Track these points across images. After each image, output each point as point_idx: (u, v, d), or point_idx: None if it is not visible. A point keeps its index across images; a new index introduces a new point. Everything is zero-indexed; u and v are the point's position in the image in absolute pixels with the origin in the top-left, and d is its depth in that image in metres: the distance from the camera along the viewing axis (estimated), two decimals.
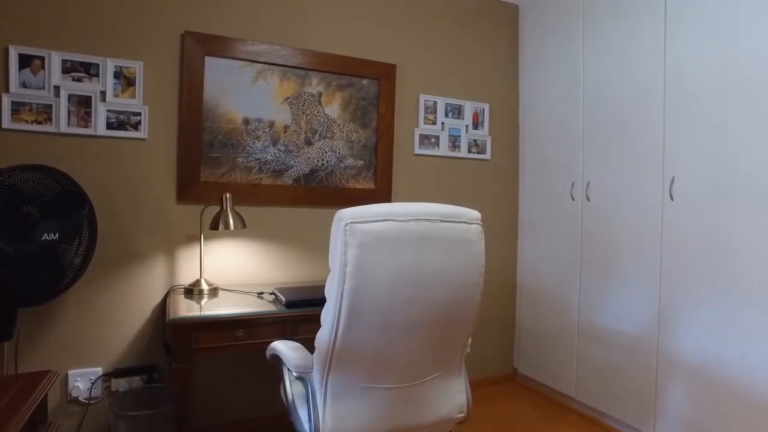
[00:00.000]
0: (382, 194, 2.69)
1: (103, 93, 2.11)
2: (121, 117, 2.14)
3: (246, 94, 2.37)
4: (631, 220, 2.38)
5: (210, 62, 2.27)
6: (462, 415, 1.56)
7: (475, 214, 1.38)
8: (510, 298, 3.16)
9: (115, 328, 2.15)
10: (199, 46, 2.24)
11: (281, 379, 1.61)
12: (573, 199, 2.72)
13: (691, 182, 2.11)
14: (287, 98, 2.47)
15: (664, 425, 2.21)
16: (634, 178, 2.37)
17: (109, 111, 2.12)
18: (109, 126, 2.12)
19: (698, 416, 2.07)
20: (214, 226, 2.11)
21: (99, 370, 2.12)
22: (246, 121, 2.38)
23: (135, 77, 2.15)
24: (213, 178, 2.32)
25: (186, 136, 2.24)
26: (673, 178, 2.18)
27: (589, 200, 2.62)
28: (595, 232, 2.58)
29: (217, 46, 2.28)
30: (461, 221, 1.33)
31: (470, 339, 1.55)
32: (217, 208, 2.17)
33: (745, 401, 1.90)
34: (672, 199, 2.18)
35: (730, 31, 1.97)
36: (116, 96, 2.13)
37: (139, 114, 2.17)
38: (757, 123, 1.87)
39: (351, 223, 1.24)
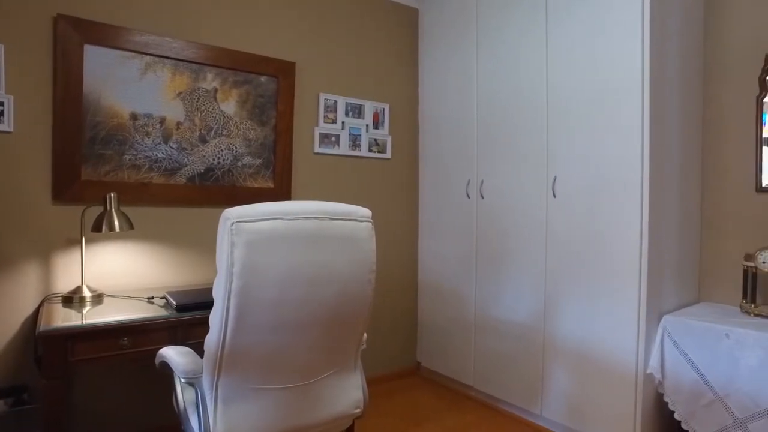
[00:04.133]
0: (282, 193, 2.65)
1: None
2: None
3: (133, 87, 2.22)
4: (520, 216, 2.56)
5: (90, 51, 2.10)
6: (359, 410, 1.59)
7: (366, 212, 1.40)
8: (412, 294, 3.26)
9: None
10: (76, 33, 2.06)
11: (173, 387, 1.54)
12: (468, 198, 2.86)
13: (569, 181, 2.32)
14: (180, 93, 2.35)
15: (549, 403, 2.41)
16: (522, 177, 2.55)
17: None
18: None
19: (575, 391, 2.28)
20: (97, 228, 1.96)
21: None
22: (134, 116, 2.23)
23: None
24: (96, 176, 2.15)
25: (62, 130, 2.05)
26: (555, 177, 2.38)
27: (483, 198, 2.77)
28: (489, 228, 2.74)
29: (98, 33, 2.11)
30: (351, 219, 1.35)
31: (366, 335, 1.58)
32: (100, 209, 2.01)
33: (610, 373, 2.13)
34: (554, 197, 2.38)
35: (598, 44, 2.18)
36: None
37: (1, 104, 1.94)
38: (621, 128, 2.10)
39: (237, 222, 1.21)
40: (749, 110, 2.16)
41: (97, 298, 1.99)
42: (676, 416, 1.99)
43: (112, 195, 1.99)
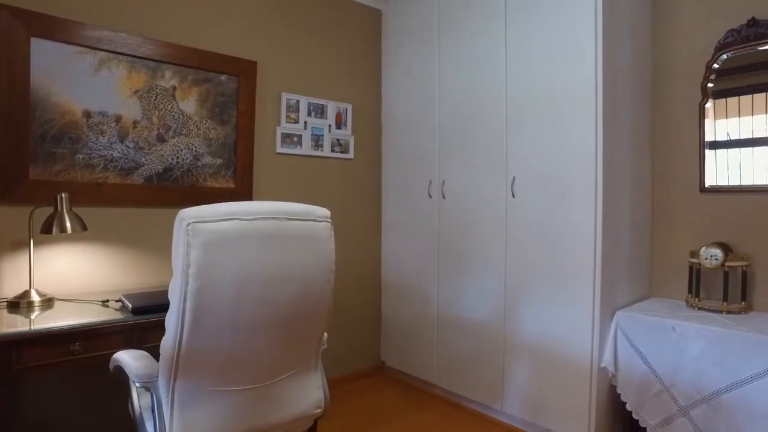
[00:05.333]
0: (243, 193, 2.62)
1: None
2: None
3: (86, 84, 2.14)
4: (480, 216, 2.61)
5: (38, 45, 2.01)
6: (320, 410, 1.58)
7: (324, 212, 1.40)
8: (376, 293, 3.27)
9: None
10: (22, 25, 1.97)
11: (128, 392, 1.50)
12: (430, 197, 2.90)
13: (528, 181, 2.38)
14: (136, 91, 2.29)
15: (509, 399, 2.46)
16: (482, 177, 2.60)
17: None
18: None
19: (535, 386, 2.34)
20: (47, 230, 1.88)
21: None
22: (87, 114, 2.15)
23: None
24: (46, 176, 2.07)
25: (7, 127, 1.96)
26: (514, 178, 2.43)
27: (444, 198, 2.81)
28: (450, 227, 2.78)
29: (46, 26, 2.02)
30: (309, 219, 1.35)
31: (326, 335, 1.58)
32: (51, 210, 1.94)
33: (567, 368, 2.20)
34: (513, 196, 2.44)
35: (555, 49, 2.25)
36: None
37: None
38: (576, 130, 2.17)
39: (194, 222, 1.19)
40: (693, 115, 2.27)
41: (47, 302, 1.91)
42: (628, 407, 2.07)
43: (63, 195, 1.92)
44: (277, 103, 2.80)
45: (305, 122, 2.91)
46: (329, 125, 3.01)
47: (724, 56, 2.16)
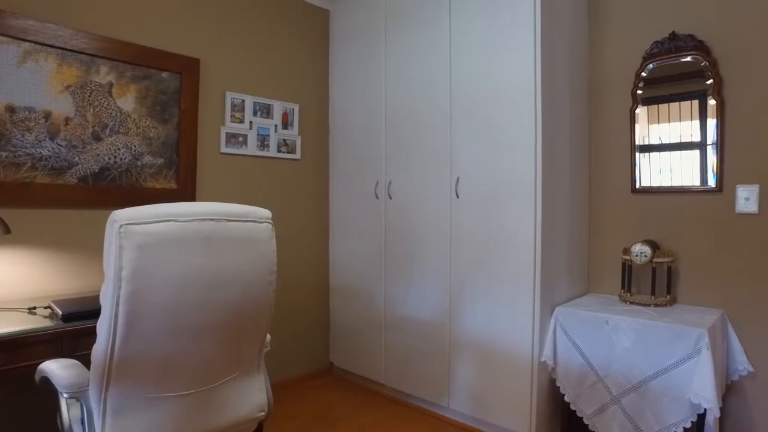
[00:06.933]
0: (186, 194, 2.54)
1: None
2: None
3: (9, 76, 2.01)
4: (426, 217, 2.64)
5: None
6: (263, 413, 1.56)
7: (265, 213, 1.39)
8: (324, 295, 3.26)
9: None
10: None
11: (56, 404, 1.42)
12: (377, 198, 2.91)
13: (471, 182, 2.43)
14: (68, 86, 2.17)
15: (456, 396, 2.51)
16: (428, 178, 2.64)
17: None
18: None
19: (479, 382, 2.40)
20: None
21: None
22: (11, 109, 2.02)
23: None
24: None
25: None
26: (458, 179, 2.48)
27: (391, 198, 2.83)
28: (397, 228, 2.80)
29: None
30: (249, 220, 1.33)
31: (269, 337, 1.56)
32: None
33: (509, 364, 2.27)
34: (458, 197, 2.49)
35: (496, 54, 2.32)
36: None
37: None
38: (518, 132, 2.24)
39: (126, 224, 1.15)
40: (625, 120, 2.41)
41: None
42: (566, 398, 2.16)
43: None
44: (221, 102, 2.73)
45: (251, 122, 2.86)
46: (275, 125, 2.97)
47: (651, 65, 2.30)
